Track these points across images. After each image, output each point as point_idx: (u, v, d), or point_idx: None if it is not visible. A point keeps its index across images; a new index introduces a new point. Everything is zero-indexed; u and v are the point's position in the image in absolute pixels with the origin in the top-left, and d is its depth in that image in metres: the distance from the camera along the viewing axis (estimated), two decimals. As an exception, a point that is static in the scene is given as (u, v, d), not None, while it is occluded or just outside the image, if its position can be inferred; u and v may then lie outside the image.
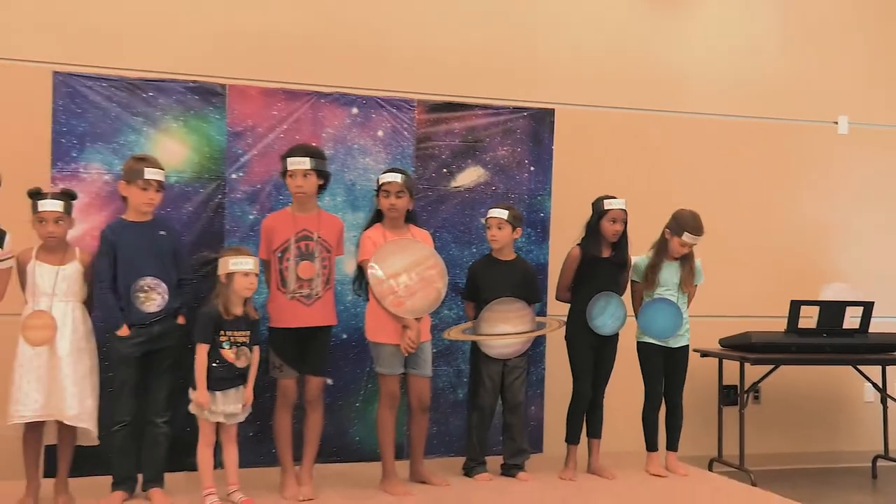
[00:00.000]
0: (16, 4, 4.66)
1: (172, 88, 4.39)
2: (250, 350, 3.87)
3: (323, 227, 4.09)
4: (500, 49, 5.44)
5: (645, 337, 4.63)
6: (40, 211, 3.71)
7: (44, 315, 3.69)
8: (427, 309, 4.18)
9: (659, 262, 4.58)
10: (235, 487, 3.88)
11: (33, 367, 3.67)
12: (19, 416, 3.64)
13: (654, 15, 5.84)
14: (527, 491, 4.27)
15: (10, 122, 4.49)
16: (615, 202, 4.49)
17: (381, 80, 5.02)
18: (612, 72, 5.69)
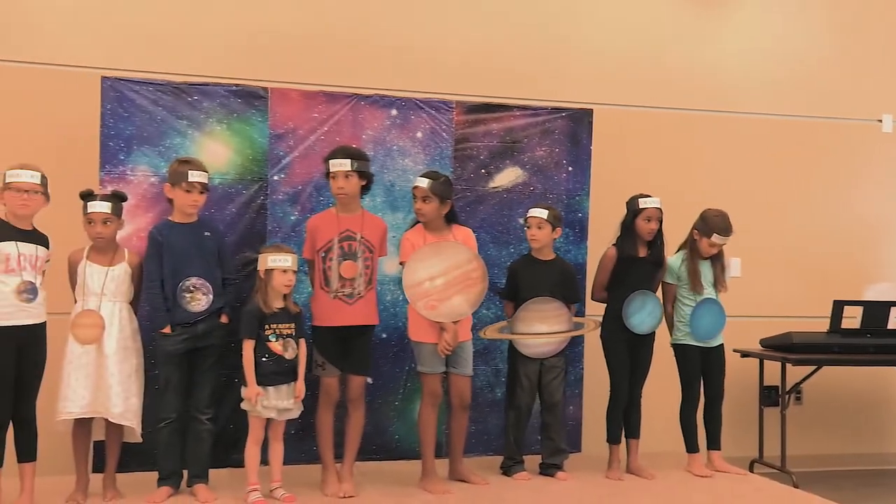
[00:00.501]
0: (65, 12, 4.76)
1: (216, 92, 4.46)
2: (296, 342, 3.92)
3: (366, 228, 4.12)
4: (538, 50, 5.44)
5: (682, 338, 4.59)
6: (89, 212, 3.81)
7: (93, 314, 3.78)
8: (464, 313, 4.19)
9: (696, 265, 4.55)
10: (278, 484, 3.93)
11: (81, 365, 3.76)
12: (67, 412, 3.74)
13: (693, 14, 5.79)
14: (565, 490, 4.26)
15: (60, 126, 4.59)
16: (650, 201, 4.48)
17: (420, 82, 5.05)
18: (651, 71, 5.65)
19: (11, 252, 3.56)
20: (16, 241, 3.58)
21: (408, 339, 4.39)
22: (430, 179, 4.17)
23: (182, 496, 3.93)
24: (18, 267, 3.57)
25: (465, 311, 4.19)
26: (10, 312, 3.55)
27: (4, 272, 3.56)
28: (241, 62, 4.87)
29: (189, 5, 4.94)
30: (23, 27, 4.69)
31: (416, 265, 4.11)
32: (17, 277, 3.57)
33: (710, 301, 4.55)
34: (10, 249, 3.57)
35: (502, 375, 4.78)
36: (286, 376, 3.90)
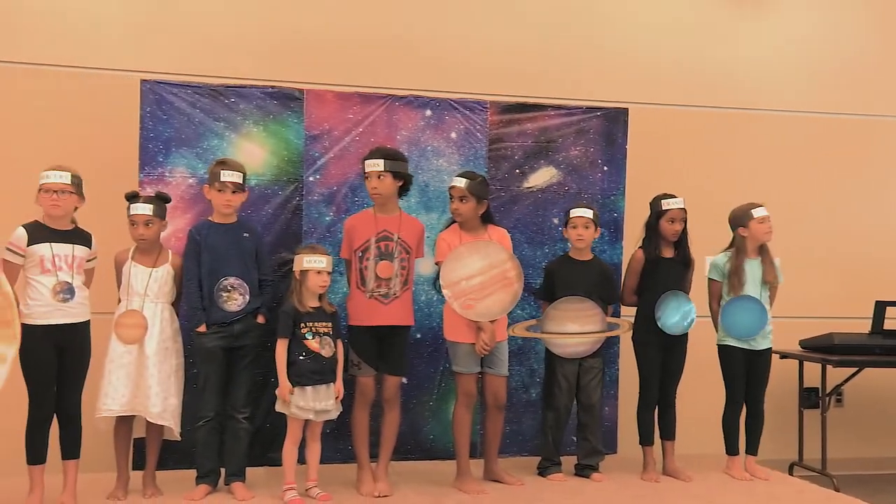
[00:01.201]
0: (105, 17, 4.83)
1: (252, 94, 4.50)
2: (334, 342, 3.93)
3: (403, 229, 4.12)
4: (573, 49, 5.40)
5: (727, 339, 4.52)
6: (132, 214, 3.85)
7: (136, 314, 3.83)
8: (500, 312, 4.16)
9: (740, 264, 4.47)
10: (314, 483, 3.95)
11: (123, 364, 3.81)
12: (107, 410, 3.79)
13: (728, 11, 5.72)
14: (601, 492, 4.22)
15: (100, 128, 4.65)
16: (673, 201, 4.43)
17: (455, 83, 5.04)
18: (687, 70, 5.60)
19: (45, 253, 3.61)
20: (50, 242, 3.63)
21: (442, 339, 4.39)
22: (467, 179, 4.15)
23: (220, 494, 3.96)
24: (54, 267, 3.62)
25: (502, 311, 4.17)
26: (48, 312, 3.60)
27: (41, 273, 3.61)
28: (276, 64, 4.90)
29: (225, 9, 4.98)
30: (64, 32, 4.77)
31: (453, 264, 4.10)
32: (53, 278, 3.62)
33: (747, 298, 4.46)
34: (45, 251, 3.61)
35: (537, 376, 4.75)
36: (324, 376, 3.90)
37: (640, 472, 4.49)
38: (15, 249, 3.60)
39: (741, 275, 4.45)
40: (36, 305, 3.60)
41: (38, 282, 3.60)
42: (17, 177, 3.85)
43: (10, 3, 4.70)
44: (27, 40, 4.71)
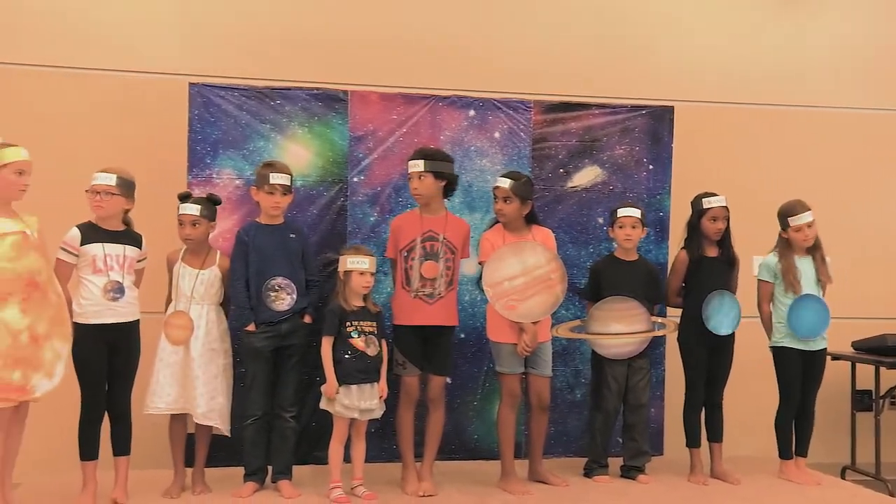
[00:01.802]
0: (154, 21, 4.90)
1: (298, 96, 4.53)
2: (378, 340, 3.94)
3: (449, 229, 4.11)
4: (617, 47, 5.34)
5: (783, 341, 4.41)
6: (180, 214, 3.90)
7: (183, 316, 3.88)
8: (543, 313, 4.13)
9: (790, 263, 4.36)
10: (360, 482, 3.96)
11: (170, 363, 3.87)
12: (154, 408, 3.85)
13: (775, 7, 5.61)
14: (646, 493, 4.17)
15: (149, 131, 4.72)
16: (715, 200, 4.36)
17: (498, 83, 5.01)
18: (733, 67, 5.50)
19: (97, 253, 3.67)
20: (102, 242, 3.69)
21: (486, 339, 4.36)
22: (511, 180, 4.12)
23: (267, 492, 3.99)
24: (105, 267, 3.68)
25: (544, 313, 4.13)
26: (99, 311, 3.66)
27: (92, 273, 3.67)
28: (321, 66, 4.92)
29: (271, 12, 5.01)
30: (114, 38, 4.84)
31: (496, 265, 4.08)
32: (105, 277, 3.67)
33: (811, 297, 4.35)
34: (97, 251, 3.68)
35: (582, 377, 4.71)
36: (369, 375, 3.91)
37: (686, 475, 4.41)
38: (69, 249, 3.67)
39: (795, 272, 4.34)
40: (88, 304, 3.66)
41: (90, 281, 3.67)
42: (71, 178, 3.90)
43: (61, 11, 4.79)
44: (80, 47, 4.80)
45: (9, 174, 3.42)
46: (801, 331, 4.35)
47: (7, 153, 3.45)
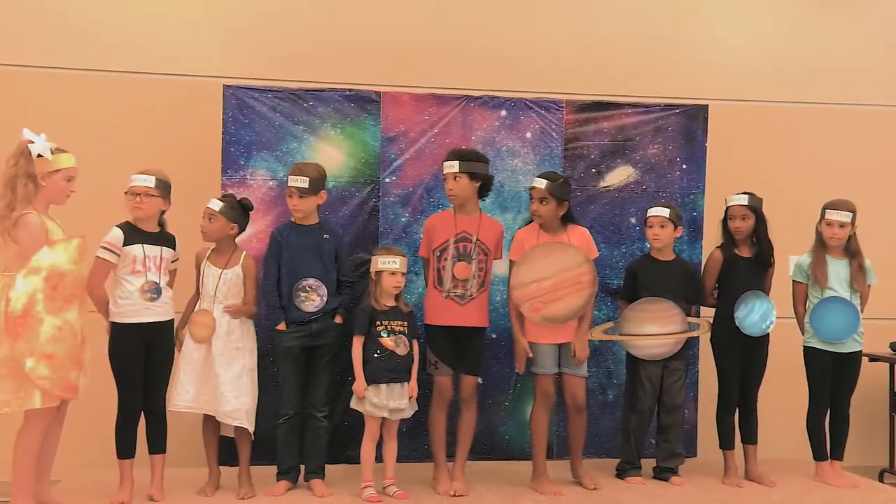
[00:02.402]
0: (189, 26, 4.92)
1: (331, 97, 4.51)
2: (409, 340, 3.91)
3: (483, 230, 4.07)
4: (650, 46, 5.27)
5: (812, 341, 4.33)
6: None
7: (207, 315, 3.88)
8: (568, 317, 4.07)
9: (820, 259, 4.28)
10: (391, 481, 3.95)
11: (191, 361, 3.86)
12: (173, 405, 3.84)
13: (808, 6, 5.49)
14: (680, 495, 4.11)
15: (184, 132, 4.74)
16: (734, 198, 4.32)
17: (529, 82, 4.97)
18: (767, 65, 5.40)
19: (138, 254, 3.70)
20: (142, 243, 3.71)
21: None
22: (547, 180, 4.08)
23: (299, 490, 4.00)
24: (144, 268, 3.70)
25: (571, 316, 4.08)
26: (137, 310, 3.68)
27: (131, 273, 3.69)
28: (353, 67, 4.92)
29: (303, 15, 5.01)
30: (149, 41, 4.88)
31: (523, 267, 4.04)
32: (143, 278, 3.69)
33: (839, 300, 4.27)
34: (137, 252, 3.70)
35: (615, 377, 4.65)
36: (399, 375, 3.90)
37: (720, 477, 4.35)
38: (112, 248, 3.67)
39: (825, 270, 4.26)
40: (126, 304, 3.68)
41: (128, 281, 3.69)
42: (108, 180, 3.92)
43: (98, 15, 4.83)
44: (115, 50, 4.83)
45: (59, 180, 3.51)
46: (825, 333, 4.27)
47: (61, 159, 3.52)
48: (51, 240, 3.41)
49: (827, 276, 4.26)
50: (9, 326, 3.27)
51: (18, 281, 3.31)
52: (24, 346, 3.27)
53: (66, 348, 3.36)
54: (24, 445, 3.41)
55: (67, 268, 3.41)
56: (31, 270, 3.33)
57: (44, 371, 3.30)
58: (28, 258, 3.35)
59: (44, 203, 3.49)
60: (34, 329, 3.29)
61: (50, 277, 3.35)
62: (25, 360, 3.27)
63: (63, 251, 3.42)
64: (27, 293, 3.30)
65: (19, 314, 3.28)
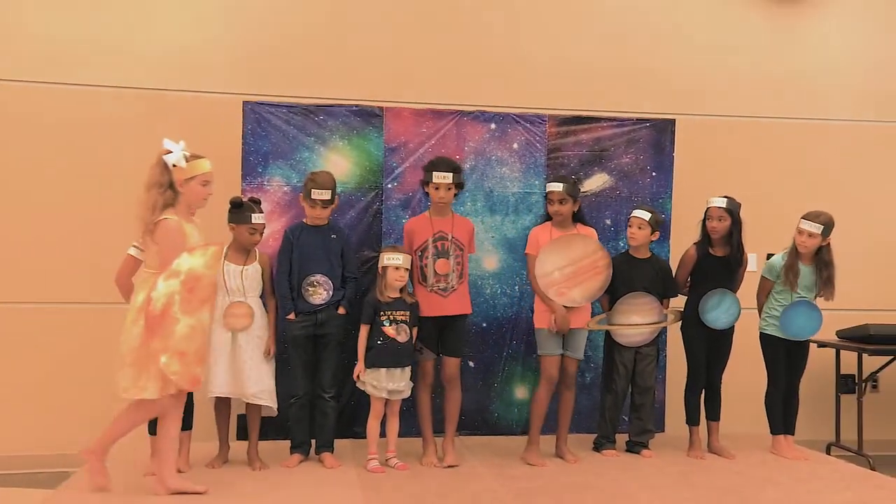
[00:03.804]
0: (212, 48, 5.00)
1: (339, 112, 4.63)
2: (410, 328, 4.03)
3: (456, 229, 4.20)
4: (624, 66, 5.37)
5: (768, 328, 4.46)
6: (254, 223, 3.98)
7: (243, 305, 3.94)
8: (592, 297, 4.22)
9: (793, 263, 4.36)
10: (393, 454, 4.07)
11: (223, 352, 3.91)
12: (210, 392, 3.89)
13: (771, 23, 5.60)
14: (649, 466, 4.23)
15: (207, 144, 4.68)
16: (712, 201, 4.39)
17: (516, 98, 5.08)
18: (730, 84, 5.51)
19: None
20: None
21: (506, 328, 4.46)
22: (564, 183, 4.21)
23: (311, 462, 4.10)
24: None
25: (594, 296, 4.23)
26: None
27: None
28: (360, 85, 4.99)
29: (313, 37, 5.08)
30: (179, 62, 4.95)
31: (544, 258, 4.17)
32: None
33: (807, 303, 4.39)
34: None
35: (592, 362, 4.79)
36: (399, 359, 4.01)
37: (686, 450, 4.47)
38: (141, 247, 3.70)
39: (796, 273, 4.34)
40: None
41: None
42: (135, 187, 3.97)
43: (124, 35, 4.89)
44: (146, 68, 4.91)
45: (197, 185, 3.49)
46: (792, 332, 4.39)
47: (198, 165, 3.51)
48: (190, 245, 3.40)
49: (797, 280, 4.35)
50: (148, 324, 3.27)
51: (160, 283, 3.29)
52: (160, 343, 3.26)
53: (195, 346, 3.35)
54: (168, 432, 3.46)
55: (203, 272, 3.36)
56: (172, 274, 3.30)
57: (176, 367, 3.28)
58: (167, 261, 3.33)
59: (184, 207, 3.48)
60: (170, 328, 3.27)
61: (187, 281, 3.31)
62: (160, 356, 3.26)
63: (200, 257, 3.38)
64: (166, 294, 3.27)
65: (158, 313, 3.26)
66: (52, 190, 4.81)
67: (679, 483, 3.88)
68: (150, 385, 3.32)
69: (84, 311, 4.79)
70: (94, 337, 4.78)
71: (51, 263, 4.80)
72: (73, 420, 4.66)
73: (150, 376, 3.32)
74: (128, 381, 3.36)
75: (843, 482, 3.97)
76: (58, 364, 4.79)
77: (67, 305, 4.81)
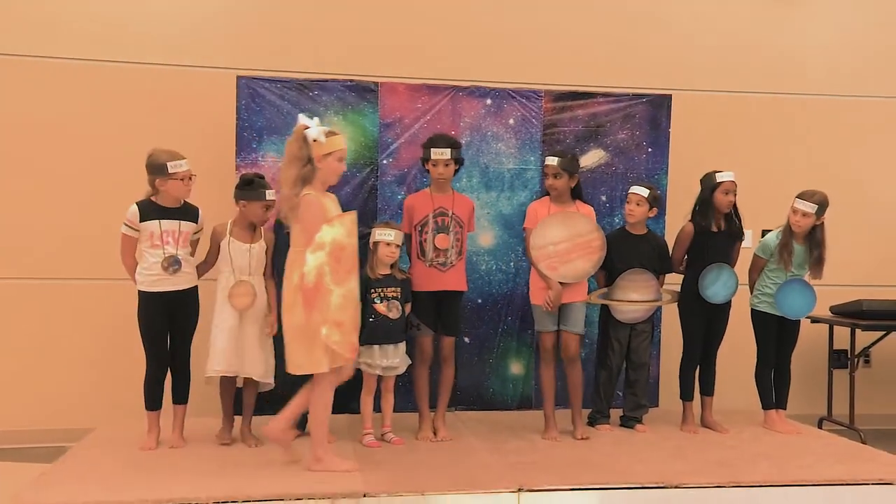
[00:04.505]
0: (207, 22, 4.93)
1: (333, 87, 4.56)
2: (402, 304, 3.99)
3: (457, 206, 4.16)
4: (621, 41, 5.31)
5: (759, 305, 4.44)
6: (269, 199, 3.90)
7: (246, 284, 3.86)
8: (581, 276, 4.17)
9: (787, 242, 4.31)
10: (388, 429, 4.06)
11: (226, 329, 3.84)
12: (214, 371, 3.83)
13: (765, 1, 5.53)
14: (643, 440, 4.23)
15: (201, 119, 4.76)
16: (726, 174, 4.32)
17: (512, 74, 5.01)
18: (725, 59, 5.45)
19: (154, 230, 3.72)
20: (159, 219, 3.73)
21: (501, 304, 4.42)
22: (559, 157, 4.15)
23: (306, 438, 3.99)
24: (161, 242, 3.72)
25: (583, 275, 4.17)
26: (158, 281, 3.72)
27: (150, 246, 3.73)
28: (354, 60, 4.94)
29: (307, 11, 5.01)
30: (172, 35, 4.90)
31: (543, 230, 4.12)
32: (161, 251, 3.72)
33: (801, 282, 4.35)
34: (154, 227, 3.72)
35: (587, 337, 4.72)
36: (392, 336, 3.98)
37: (679, 425, 4.46)
38: (130, 224, 3.73)
39: (790, 252, 4.30)
40: (148, 275, 3.73)
41: (150, 254, 3.73)
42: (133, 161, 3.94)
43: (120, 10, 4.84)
44: (141, 43, 4.85)
45: (333, 160, 3.44)
46: (787, 310, 4.35)
47: (335, 141, 3.45)
48: (328, 217, 3.39)
49: (791, 259, 4.31)
50: (305, 298, 3.30)
51: (308, 257, 3.29)
52: (319, 315, 3.29)
53: (349, 314, 3.38)
54: (321, 403, 3.45)
55: (346, 241, 3.37)
56: (317, 246, 3.30)
57: (336, 336, 3.31)
58: (311, 235, 3.33)
59: (319, 183, 3.44)
60: (326, 299, 3.29)
61: (333, 251, 3.32)
62: (321, 328, 3.28)
63: (340, 226, 3.38)
64: (316, 267, 3.28)
65: (313, 287, 3.28)
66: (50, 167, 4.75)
67: (673, 457, 3.88)
68: (323, 358, 3.34)
69: (80, 287, 4.77)
70: (90, 312, 4.76)
71: (46, 239, 4.76)
72: (70, 395, 4.64)
73: (320, 350, 3.33)
74: (301, 359, 3.37)
75: (834, 456, 3.96)
76: (53, 339, 4.76)
77: (63, 281, 4.78)
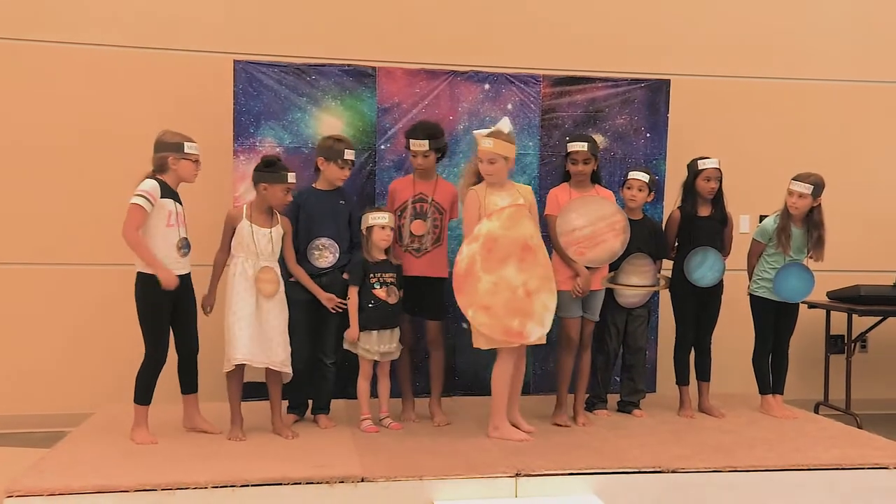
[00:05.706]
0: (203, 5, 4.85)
1: (331, 72, 4.49)
2: (398, 290, 3.95)
3: (438, 192, 4.09)
4: (619, 26, 5.26)
5: (757, 290, 4.38)
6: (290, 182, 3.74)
7: (271, 271, 3.71)
8: (608, 259, 4.10)
9: (785, 226, 4.25)
10: (386, 414, 4.02)
11: (245, 316, 3.66)
12: (234, 360, 3.61)
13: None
14: (641, 426, 4.19)
15: (199, 104, 4.70)
16: (709, 162, 4.27)
17: (510, 58, 4.95)
18: (724, 43, 5.39)
19: (171, 209, 3.56)
20: (172, 199, 3.59)
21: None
22: (588, 142, 4.06)
23: (306, 423, 4.04)
24: (176, 223, 3.59)
25: (611, 257, 4.10)
26: (170, 264, 3.56)
27: (165, 226, 3.55)
28: (352, 45, 4.88)
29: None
30: (169, 19, 4.82)
31: (568, 216, 4.04)
32: (175, 232, 3.59)
33: (799, 265, 4.29)
34: (170, 206, 3.56)
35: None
36: (388, 321, 3.93)
37: (676, 409, 4.42)
38: (150, 198, 3.47)
39: (788, 235, 4.24)
40: (161, 258, 3.53)
41: (164, 235, 3.55)
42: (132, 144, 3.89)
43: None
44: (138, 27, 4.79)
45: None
46: (784, 293, 4.30)
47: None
48: (487, 211, 3.68)
49: (790, 242, 4.25)
50: (455, 284, 3.65)
51: (463, 248, 3.67)
52: (466, 298, 3.62)
53: (502, 300, 3.61)
54: (499, 377, 3.73)
55: (500, 233, 3.66)
56: (473, 238, 3.66)
57: (482, 319, 3.61)
58: (469, 228, 3.70)
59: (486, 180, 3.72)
60: (474, 285, 3.62)
61: (485, 243, 3.64)
62: (468, 310, 3.62)
63: (496, 220, 3.67)
64: (468, 256, 3.64)
65: (462, 273, 3.62)
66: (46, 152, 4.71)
67: (669, 441, 3.84)
68: (480, 339, 3.69)
69: (79, 272, 4.73)
70: (88, 297, 4.72)
71: (46, 224, 4.72)
72: (69, 381, 4.60)
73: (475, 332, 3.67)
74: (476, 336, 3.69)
75: (830, 440, 3.93)
76: (52, 324, 4.72)
77: (61, 266, 4.74)
